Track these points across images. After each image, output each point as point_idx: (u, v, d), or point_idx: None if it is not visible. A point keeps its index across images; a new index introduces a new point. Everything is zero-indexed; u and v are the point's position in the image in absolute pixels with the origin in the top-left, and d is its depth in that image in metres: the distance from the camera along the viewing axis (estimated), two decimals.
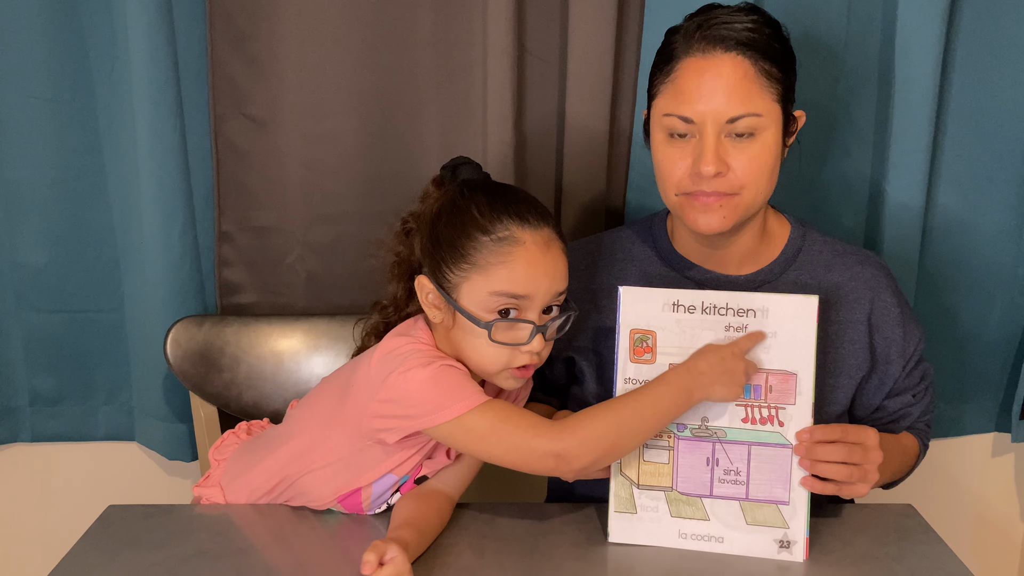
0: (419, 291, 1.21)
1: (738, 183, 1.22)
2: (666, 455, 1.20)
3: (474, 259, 1.15)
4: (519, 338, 1.17)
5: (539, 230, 1.17)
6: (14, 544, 1.87)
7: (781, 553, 1.18)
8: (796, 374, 1.17)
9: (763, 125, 1.22)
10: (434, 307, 1.20)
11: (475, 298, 1.16)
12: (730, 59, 1.20)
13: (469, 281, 1.16)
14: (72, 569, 1.15)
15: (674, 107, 1.22)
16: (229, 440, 1.45)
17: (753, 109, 1.21)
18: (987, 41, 1.65)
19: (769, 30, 1.24)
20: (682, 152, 1.23)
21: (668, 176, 1.26)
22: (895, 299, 1.35)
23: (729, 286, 1.34)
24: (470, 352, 1.19)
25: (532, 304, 1.17)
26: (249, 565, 1.17)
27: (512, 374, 1.20)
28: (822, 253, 1.36)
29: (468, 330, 1.17)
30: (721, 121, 1.20)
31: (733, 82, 1.20)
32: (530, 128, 1.68)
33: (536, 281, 1.16)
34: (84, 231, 1.70)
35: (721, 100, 1.20)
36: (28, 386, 1.77)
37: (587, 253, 1.42)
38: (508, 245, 1.15)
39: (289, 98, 1.62)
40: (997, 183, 1.73)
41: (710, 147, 1.20)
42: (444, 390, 1.15)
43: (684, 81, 1.22)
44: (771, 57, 1.22)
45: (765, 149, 1.23)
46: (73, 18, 1.59)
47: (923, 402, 1.39)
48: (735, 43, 1.20)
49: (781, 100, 1.24)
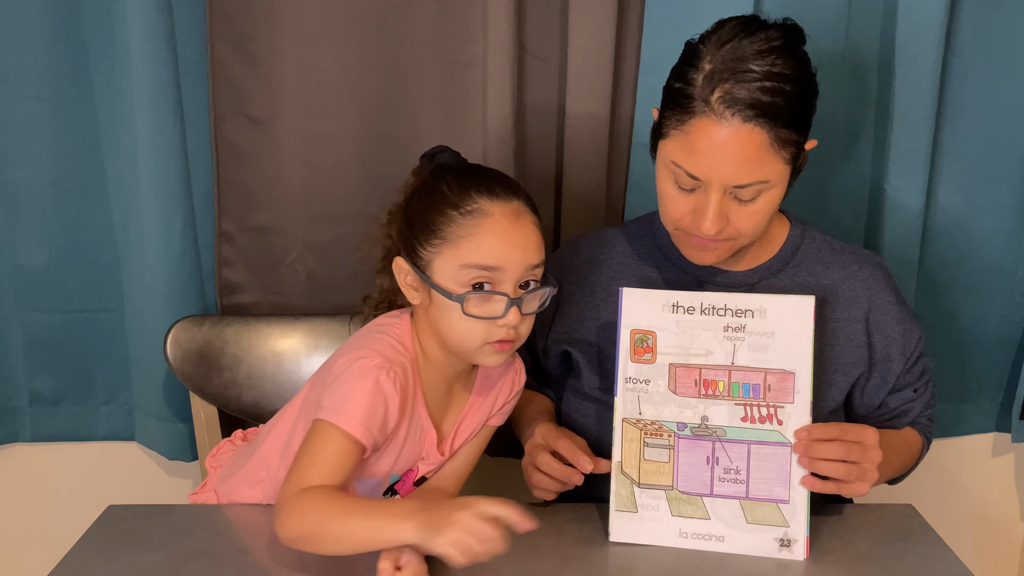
0: (397, 275, 1.22)
1: (736, 232, 1.22)
2: (667, 454, 1.21)
3: (444, 233, 1.16)
4: (494, 311, 1.16)
5: (508, 202, 1.17)
6: (14, 544, 1.87)
7: (782, 552, 1.19)
8: (794, 373, 1.18)
9: (769, 187, 1.20)
10: (412, 288, 1.21)
11: (447, 272, 1.16)
12: (747, 130, 1.14)
13: (441, 256, 1.16)
14: (72, 569, 1.15)
15: (682, 161, 1.19)
16: (225, 448, 1.45)
17: (761, 177, 1.18)
18: (987, 41, 1.65)
19: (791, 86, 1.15)
20: (685, 198, 1.22)
21: (669, 211, 1.25)
22: (893, 297, 1.35)
23: (727, 282, 1.34)
24: (447, 329, 1.18)
25: (505, 277, 1.16)
26: (249, 565, 1.17)
27: (493, 348, 1.18)
28: (820, 251, 1.36)
29: (443, 306, 1.17)
30: (728, 185, 1.18)
31: (745, 154, 1.16)
32: (530, 128, 1.68)
33: (507, 252, 1.15)
34: (84, 231, 1.70)
35: (730, 169, 1.16)
36: (28, 386, 1.77)
37: (587, 247, 1.43)
38: (477, 217, 1.15)
39: (289, 98, 1.62)
40: (997, 184, 1.73)
41: (713, 207, 1.19)
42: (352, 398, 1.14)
43: (697, 140, 1.17)
44: (789, 123, 1.17)
45: (768, 204, 1.21)
46: (73, 18, 1.59)
47: (924, 397, 1.40)
48: (754, 113, 1.13)
49: (792, 158, 1.20)
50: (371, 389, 1.15)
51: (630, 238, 1.42)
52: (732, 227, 1.22)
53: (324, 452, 1.13)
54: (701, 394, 1.20)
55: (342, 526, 1.07)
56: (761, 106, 1.14)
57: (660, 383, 1.21)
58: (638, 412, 1.21)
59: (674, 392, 1.21)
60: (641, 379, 1.21)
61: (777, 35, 1.17)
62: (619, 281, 1.35)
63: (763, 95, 1.14)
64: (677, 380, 1.20)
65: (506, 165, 1.63)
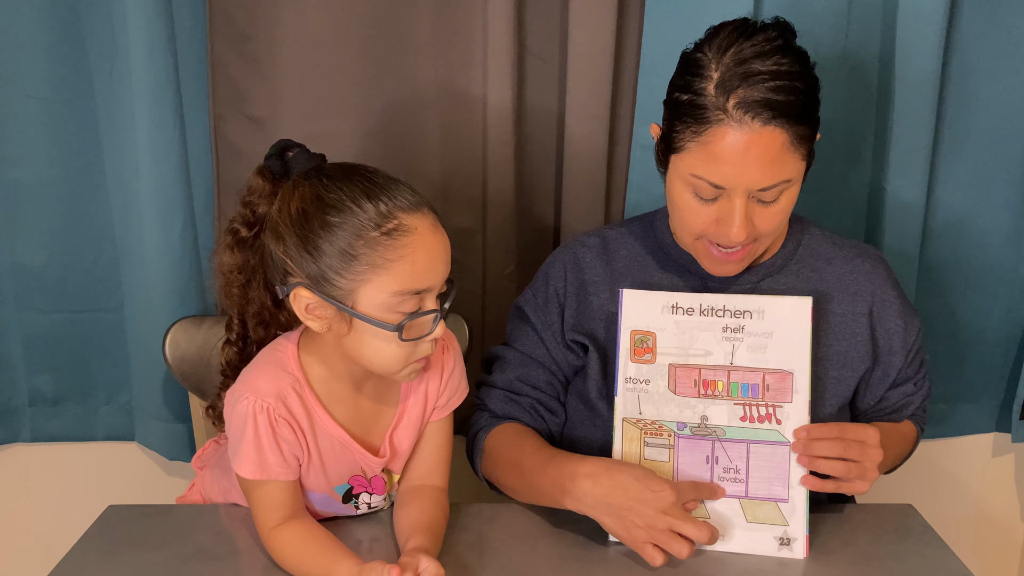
0: (295, 304, 1.11)
1: (760, 233, 1.23)
2: (667, 453, 1.21)
3: (369, 259, 1.06)
4: (423, 329, 1.12)
5: (423, 212, 1.10)
6: (14, 544, 1.87)
7: (781, 550, 1.19)
8: (792, 373, 1.19)
9: (791, 185, 1.20)
10: (317, 318, 1.11)
11: (376, 300, 1.08)
12: (768, 132, 1.14)
13: (369, 284, 1.07)
14: (72, 569, 1.15)
15: (705, 172, 1.18)
16: (211, 449, 1.44)
17: (785, 176, 1.18)
18: (987, 41, 1.65)
19: (800, 83, 1.16)
20: (707, 208, 1.21)
21: (690, 224, 1.24)
22: (895, 291, 1.36)
23: (731, 281, 1.34)
24: (372, 356, 1.12)
25: (432, 292, 1.11)
26: (249, 565, 1.17)
27: (417, 365, 1.15)
28: (821, 247, 1.37)
29: (371, 334, 1.10)
30: (753, 189, 1.18)
31: (770, 156, 1.15)
32: (530, 128, 1.68)
33: (435, 269, 1.10)
34: (84, 231, 1.70)
35: (756, 173, 1.16)
36: (28, 386, 1.77)
37: (589, 247, 1.42)
38: (402, 236, 1.06)
39: (289, 98, 1.62)
40: (997, 183, 1.73)
41: (740, 213, 1.18)
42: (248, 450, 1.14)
43: (718, 150, 1.15)
44: (804, 118, 1.17)
45: (789, 201, 1.22)
46: (73, 18, 1.59)
47: (923, 390, 1.40)
48: (772, 114, 1.13)
49: (808, 155, 1.21)
50: (252, 432, 1.14)
51: (632, 239, 1.42)
52: (756, 230, 1.22)
53: (257, 498, 1.18)
54: (700, 394, 1.20)
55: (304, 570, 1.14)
56: (777, 106, 1.14)
57: (660, 383, 1.21)
58: (638, 412, 1.22)
59: (674, 392, 1.21)
60: (641, 379, 1.22)
61: (775, 35, 1.17)
62: (622, 280, 1.35)
63: (776, 95, 1.14)
64: (677, 380, 1.21)
65: (506, 165, 1.64)
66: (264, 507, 1.17)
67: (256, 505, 1.18)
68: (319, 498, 1.24)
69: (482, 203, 1.68)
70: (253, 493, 1.18)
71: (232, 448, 1.17)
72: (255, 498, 1.18)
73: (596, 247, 1.42)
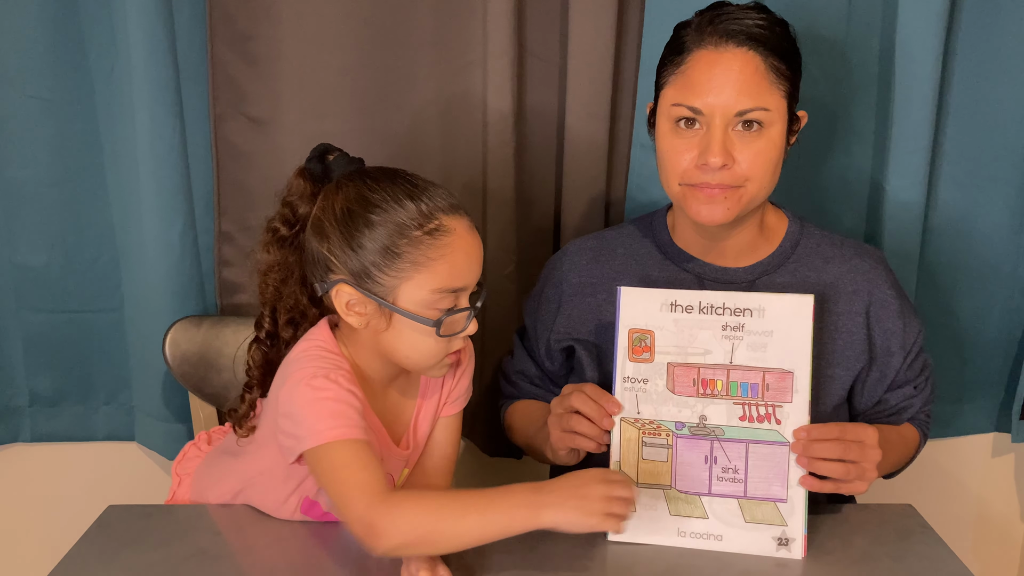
0: (336, 300, 1.15)
1: (743, 176, 1.23)
2: (665, 453, 1.21)
3: (411, 256, 1.11)
4: (458, 327, 1.16)
5: (461, 214, 1.15)
6: (14, 544, 1.87)
7: (780, 551, 1.19)
8: (792, 372, 1.18)
9: (770, 120, 1.23)
10: (357, 314, 1.15)
11: (417, 297, 1.12)
12: (741, 53, 1.22)
13: (410, 281, 1.12)
14: (72, 569, 1.15)
15: (683, 98, 1.23)
16: (191, 453, 1.43)
17: (762, 103, 1.22)
18: (987, 41, 1.65)
19: (779, 28, 1.26)
20: (688, 143, 1.24)
21: (673, 166, 1.27)
22: (894, 291, 1.35)
23: (728, 278, 1.34)
24: (409, 351, 1.16)
25: (467, 291, 1.16)
26: (249, 565, 1.17)
27: (449, 360, 1.19)
28: (820, 246, 1.37)
29: (409, 329, 1.14)
30: (730, 114, 1.21)
31: (744, 76, 1.21)
32: (530, 128, 1.68)
33: (471, 269, 1.15)
34: (84, 231, 1.70)
35: (731, 93, 1.21)
36: (28, 386, 1.77)
37: (589, 248, 1.43)
38: (444, 236, 1.12)
39: (289, 98, 1.63)
40: (997, 183, 1.73)
41: (717, 139, 1.21)
42: (321, 410, 1.09)
43: (695, 73, 1.23)
44: (781, 54, 1.24)
45: (770, 144, 1.24)
46: (73, 18, 1.59)
47: (924, 393, 1.40)
48: (747, 38, 1.22)
49: (788, 97, 1.25)
50: (332, 395, 1.11)
51: (631, 238, 1.43)
52: (738, 167, 1.23)
53: (345, 464, 1.07)
54: (699, 393, 1.20)
55: (459, 525, 1.05)
56: (753, 35, 1.22)
57: (658, 382, 1.21)
58: (636, 411, 1.21)
59: (672, 391, 1.21)
60: (639, 378, 1.21)
61: (752, 3, 1.27)
62: (620, 281, 1.35)
63: (754, 28, 1.23)
64: (675, 379, 1.20)
65: (506, 165, 1.64)
66: (360, 468, 1.06)
67: (347, 470, 1.07)
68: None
69: (482, 203, 1.68)
70: (341, 459, 1.07)
71: (299, 422, 1.10)
72: (345, 461, 1.07)
73: (593, 249, 1.42)
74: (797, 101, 1.29)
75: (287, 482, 1.23)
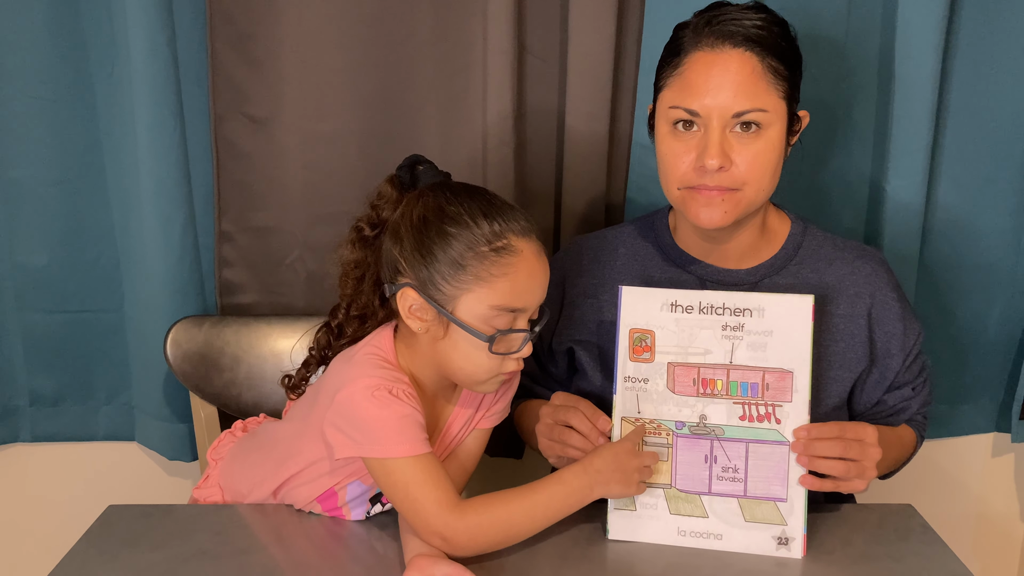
0: (400, 302, 1.18)
1: (741, 179, 1.23)
2: (665, 452, 1.21)
3: (476, 271, 1.13)
4: (512, 346, 1.18)
5: (531, 238, 1.17)
6: (14, 544, 1.87)
7: (779, 550, 1.19)
8: (792, 372, 1.18)
9: (768, 121, 1.23)
10: (418, 319, 1.18)
11: (476, 311, 1.15)
12: (738, 55, 1.21)
13: (471, 294, 1.14)
14: (72, 569, 1.15)
15: (680, 100, 1.23)
16: (226, 440, 1.45)
17: (759, 105, 1.21)
18: (987, 41, 1.65)
19: (777, 28, 1.25)
20: (686, 146, 1.24)
21: (672, 169, 1.26)
22: (895, 294, 1.35)
23: (730, 280, 1.34)
24: (462, 362, 1.18)
25: (526, 313, 1.17)
26: (249, 565, 1.17)
27: (498, 379, 1.20)
28: (822, 248, 1.37)
29: (464, 341, 1.16)
30: (727, 116, 1.21)
31: (741, 77, 1.21)
32: (530, 128, 1.68)
33: (533, 292, 1.17)
34: (84, 231, 1.70)
35: (728, 95, 1.21)
36: (28, 386, 1.77)
37: (590, 248, 1.43)
38: (509, 255, 1.14)
39: (289, 98, 1.63)
40: (997, 183, 1.73)
41: (715, 141, 1.21)
42: (387, 425, 1.13)
43: (692, 74, 1.23)
44: (778, 54, 1.23)
45: (769, 146, 1.24)
46: (73, 18, 1.60)
47: (922, 395, 1.40)
48: (743, 39, 1.21)
49: (787, 98, 1.25)
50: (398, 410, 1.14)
51: (632, 238, 1.43)
52: (736, 170, 1.23)
53: (418, 478, 1.13)
54: (699, 393, 1.20)
55: (530, 520, 1.16)
56: (751, 36, 1.22)
57: (659, 382, 1.21)
58: (637, 411, 1.22)
59: (672, 391, 1.21)
60: (640, 378, 1.21)
61: (751, 3, 1.26)
62: (622, 281, 1.35)
63: (751, 28, 1.22)
64: (676, 379, 1.21)
65: (506, 165, 1.64)
66: (432, 484, 1.13)
67: (420, 487, 1.13)
68: (357, 490, 1.25)
69: None
70: (412, 475, 1.13)
71: (360, 432, 1.14)
72: (417, 478, 1.13)
73: (594, 248, 1.42)
74: (798, 101, 1.29)
75: (333, 475, 1.24)
